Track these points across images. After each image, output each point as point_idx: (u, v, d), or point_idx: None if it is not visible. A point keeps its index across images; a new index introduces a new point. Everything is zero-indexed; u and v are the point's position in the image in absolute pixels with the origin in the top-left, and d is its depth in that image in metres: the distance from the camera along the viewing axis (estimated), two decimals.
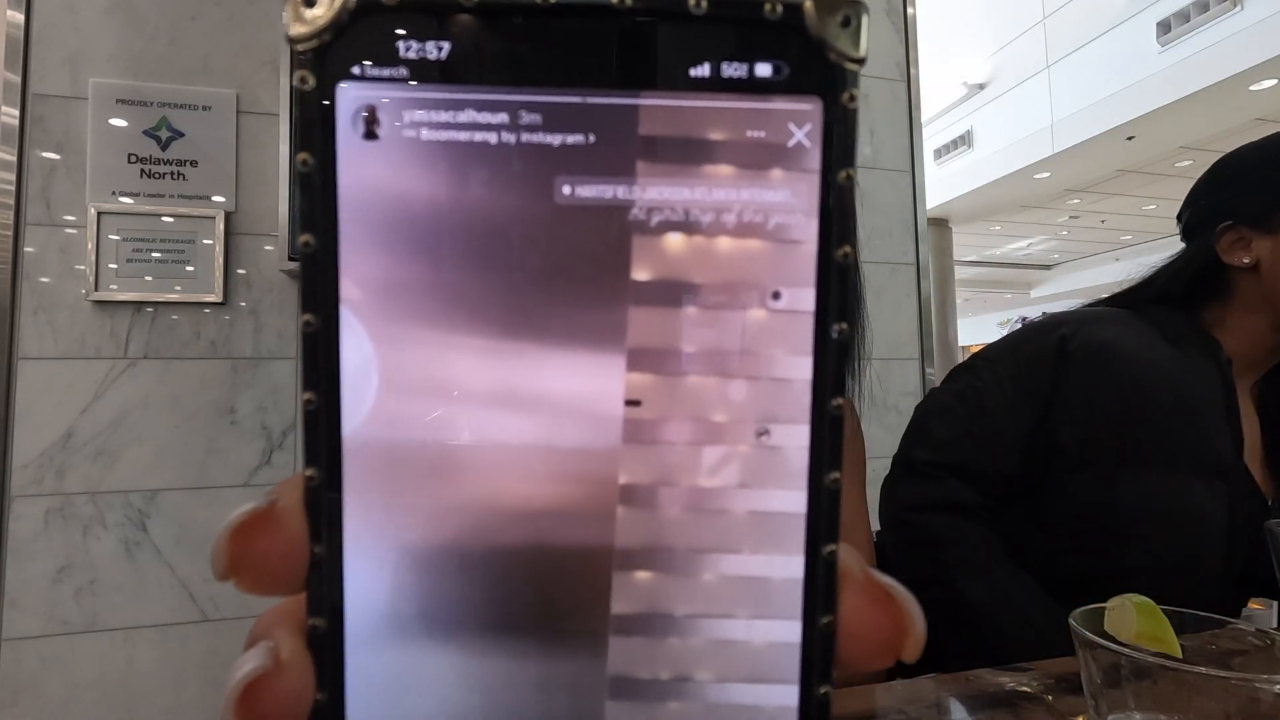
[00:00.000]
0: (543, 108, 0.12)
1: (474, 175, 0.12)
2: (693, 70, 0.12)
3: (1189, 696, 0.31)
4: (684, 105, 0.12)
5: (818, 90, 0.12)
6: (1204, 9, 4.21)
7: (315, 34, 0.11)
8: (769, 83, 0.12)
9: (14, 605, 1.21)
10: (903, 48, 1.84)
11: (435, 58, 0.12)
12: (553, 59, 0.12)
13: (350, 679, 0.13)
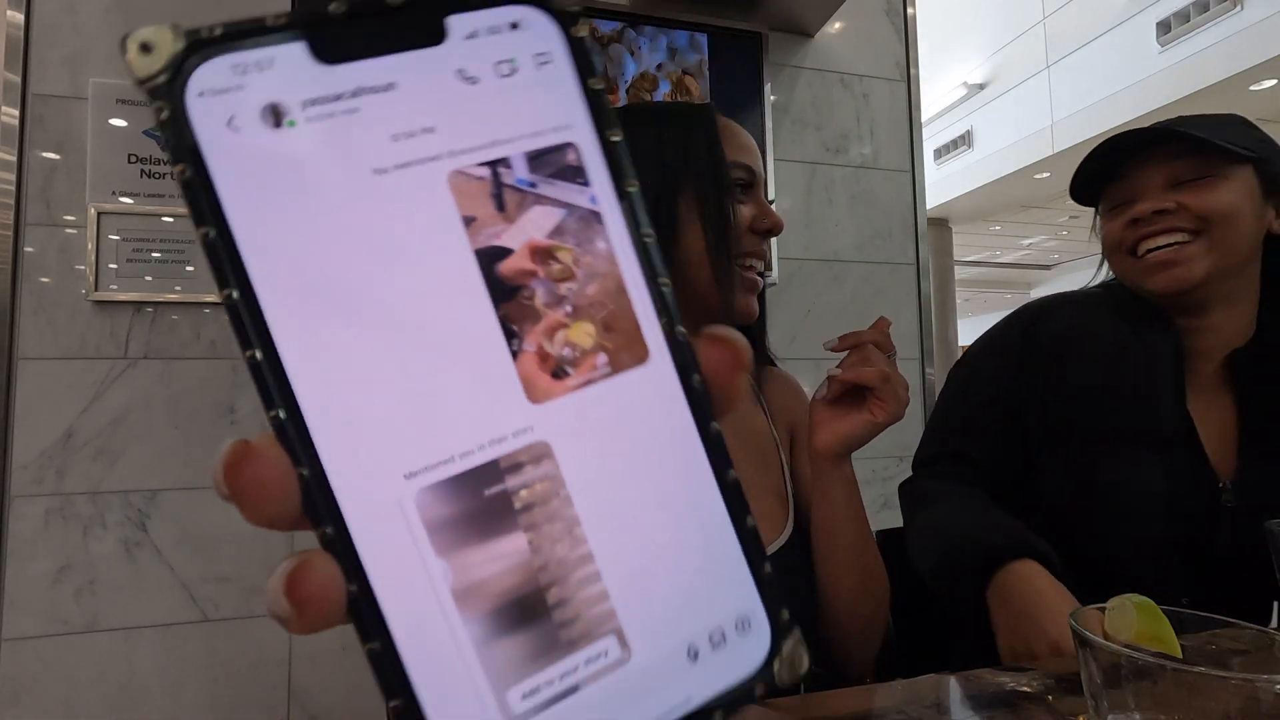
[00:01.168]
0: (353, 90, 0.15)
1: (308, 156, 0.15)
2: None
3: (1189, 696, 0.31)
4: (450, 53, 0.16)
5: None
6: (1204, 9, 4.21)
7: (158, 73, 0.14)
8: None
9: (14, 605, 1.21)
10: (903, 48, 1.84)
11: (258, 68, 0.15)
12: (350, 38, 0.15)
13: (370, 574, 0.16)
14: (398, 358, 0.15)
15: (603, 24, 1.55)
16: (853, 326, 1.63)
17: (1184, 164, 0.71)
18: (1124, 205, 0.75)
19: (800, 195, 1.73)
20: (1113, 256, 0.79)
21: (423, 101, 0.15)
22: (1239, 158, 0.69)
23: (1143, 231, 0.72)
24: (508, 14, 0.16)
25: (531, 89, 0.16)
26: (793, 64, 1.74)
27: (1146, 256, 0.73)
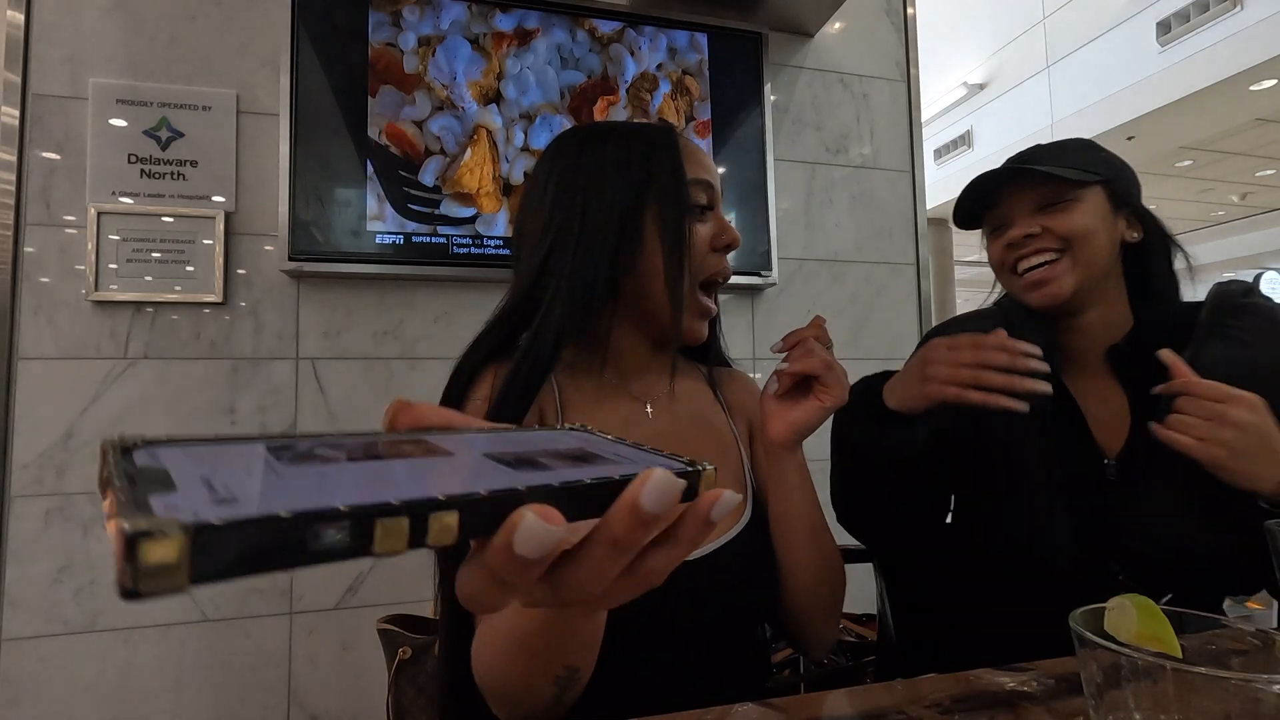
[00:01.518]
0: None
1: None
2: None
3: (1189, 696, 0.31)
4: None
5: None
6: (1204, 9, 4.20)
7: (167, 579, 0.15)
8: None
9: (14, 605, 1.21)
10: (903, 48, 1.84)
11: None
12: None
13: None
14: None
15: (603, 24, 1.55)
16: (853, 326, 1.65)
17: (1043, 191, 0.80)
18: (1001, 229, 0.84)
19: (800, 195, 1.73)
20: (999, 274, 0.88)
21: None
22: (1086, 181, 0.78)
23: (1018, 253, 0.82)
24: None
25: None
26: (793, 64, 1.74)
27: (1025, 275, 0.82)
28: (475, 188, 1.44)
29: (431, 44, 1.44)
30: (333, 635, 1.34)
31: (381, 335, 1.42)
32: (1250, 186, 6.68)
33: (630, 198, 0.67)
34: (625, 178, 0.68)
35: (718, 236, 0.72)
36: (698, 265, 0.70)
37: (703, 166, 0.72)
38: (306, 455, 0.22)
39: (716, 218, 0.72)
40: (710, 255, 0.71)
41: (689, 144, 0.74)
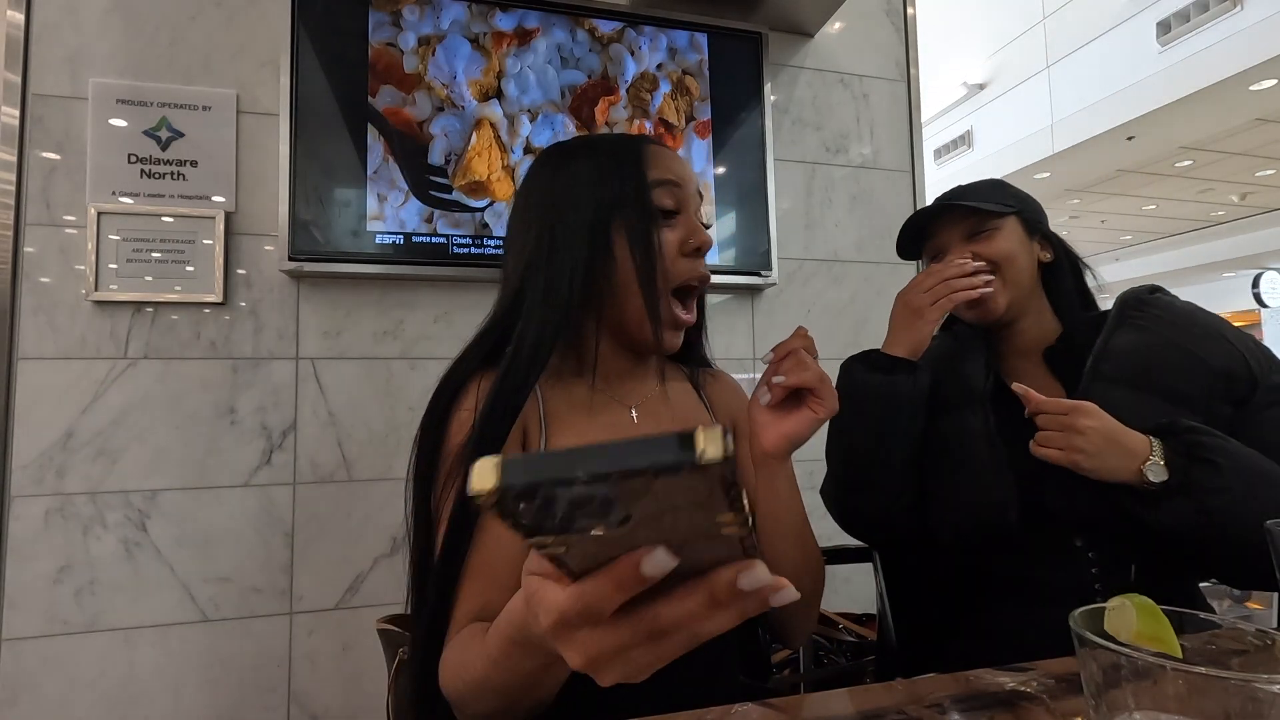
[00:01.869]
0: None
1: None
2: None
3: (1189, 696, 0.31)
4: None
5: None
6: (1204, 9, 4.21)
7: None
8: None
9: (14, 605, 1.21)
10: (903, 48, 1.84)
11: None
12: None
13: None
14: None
15: (603, 24, 1.55)
16: (853, 326, 1.67)
17: (969, 223, 0.94)
18: (937, 258, 0.97)
19: (800, 195, 1.73)
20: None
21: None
22: (1003, 213, 0.93)
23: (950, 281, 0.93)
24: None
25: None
26: (793, 64, 1.74)
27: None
28: (485, 174, 1.45)
29: (431, 43, 1.44)
30: (333, 635, 1.34)
31: (381, 335, 1.42)
32: (1250, 186, 6.68)
33: (598, 211, 0.69)
34: (592, 192, 0.70)
35: (686, 240, 0.71)
36: (669, 271, 0.70)
37: (668, 168, 0.72)
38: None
39: (685, 221, 0.72)
40: (681, 260, 0.71)
41: (657, 149, 0.74)
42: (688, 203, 0.73)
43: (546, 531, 0.26)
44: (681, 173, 0.73)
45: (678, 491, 0.23)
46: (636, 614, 0.30)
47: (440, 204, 1.42)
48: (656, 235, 0.69)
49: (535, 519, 0.24)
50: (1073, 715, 0.48)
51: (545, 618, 0.32)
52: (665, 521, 0.26)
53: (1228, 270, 9.34)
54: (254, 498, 1.32)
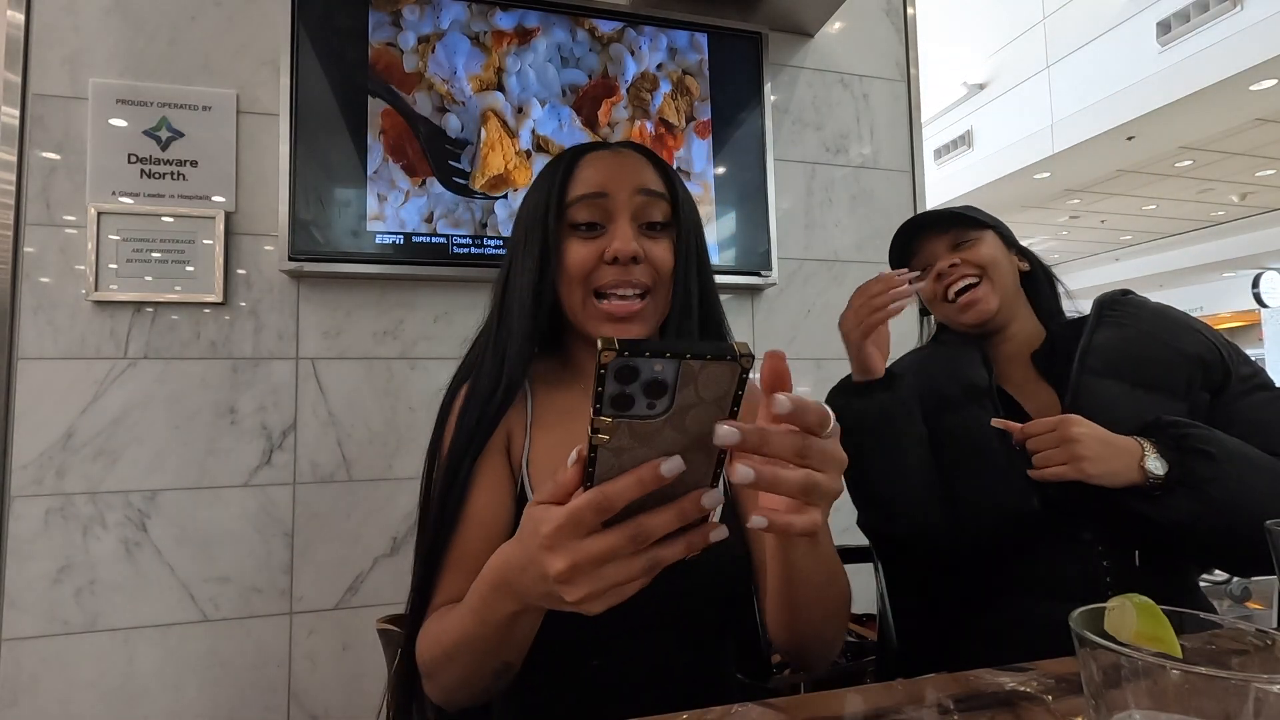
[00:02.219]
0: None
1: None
2: None
3: (1189, 696, 0.31)
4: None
5: None
6: (1204, 9, 4.21)
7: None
8: None
9: (14, 605, 1.21)
10: (903, 48, 1.84)
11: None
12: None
13: None
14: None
15: (603, 24, 1.55)
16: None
17: (953, 233, 1.00)
18: (928, 268, 1.01)
19: (800, 195, 1.73)
20: (934, 307, 1.04)
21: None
22: (983, 225, 1.00)
23: (947, 281, 0.99)
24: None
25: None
26: (793, 64, 1.74)
27: (957, 300, 0.98)
28: (502, 166, 1.46)
29: (431, 41, 1.44)
30: (333, 635, 1.34)
31: (381, 335, 1.42)
32: (1250, 186, 6.68)
33: (543, 224, 0.72)
34: (528, 213, 0.74)
35: (606, 250, 0.70)
36: (585, 279, 0.71)
37: (591, 181, 0.72)
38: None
39: (612, 230, 0.71)
40: (606, 269, 0.71)
41: (588, 160, 0.74)
42: (617, 212, 0.71)
43: (616, 408, 0.33)
44: (610, 182, 0.72)
45: (712, 383, 0.34)
46: (620, 526, 0.37)
47: (464, 191, 1.44)
48: (558, 247, 0.71)
49: (614, 391, 0.33)
50: (1073, 715, 0.48)
51: (547, 525, 0.38)
52: (688, 417, 0.35)
53: (1228, 270, 9.34)
54: (254, 498, 1.32)
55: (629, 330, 0.72)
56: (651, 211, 0.73)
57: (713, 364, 0.33)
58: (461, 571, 0.65)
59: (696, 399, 0.34)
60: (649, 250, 0.72)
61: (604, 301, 0.71)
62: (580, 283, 0.71)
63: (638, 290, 0.71)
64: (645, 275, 0.72)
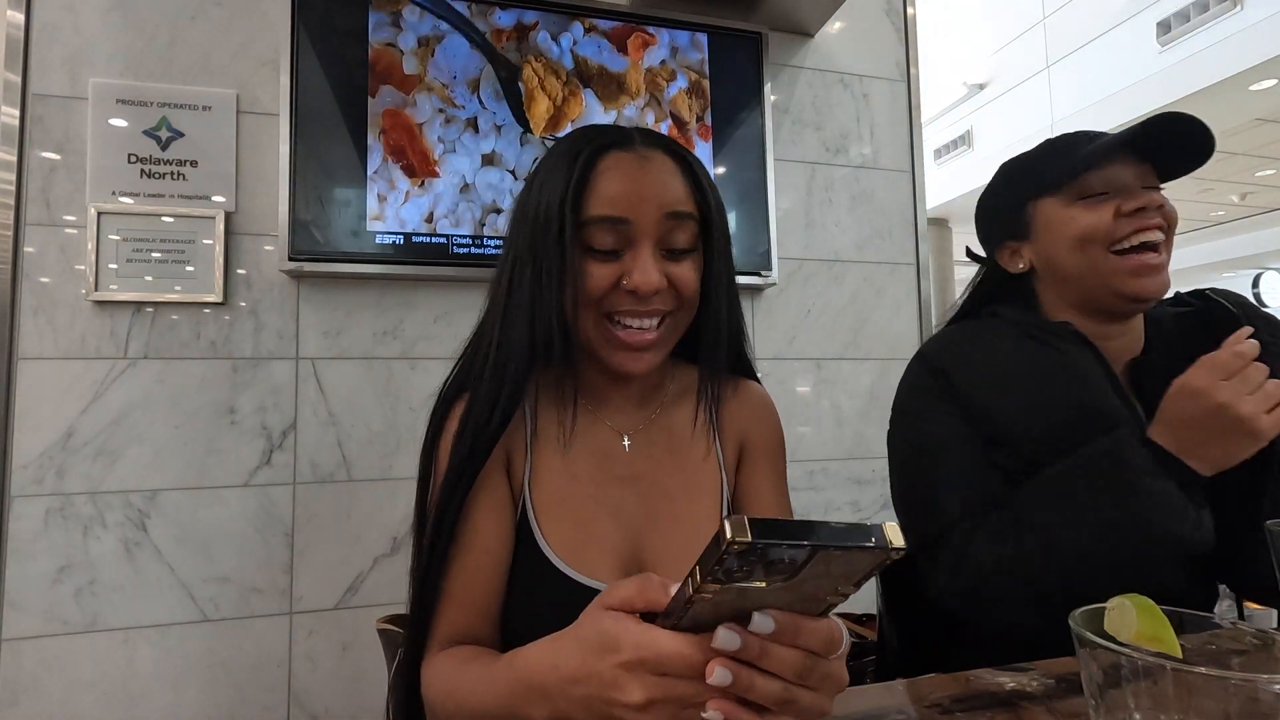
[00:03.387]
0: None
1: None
2: None
3: (1189, 696, 0.31)
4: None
5: None
6: (1204, 9, 4.20)
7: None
8: None
9: (14, 605, 1.21)
10: (903, 48, 1.84)
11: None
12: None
13: None
14: None
15: (603, 23, 1.55)
16: (853, 326, 1.61)
17: (1148, 168, 0.76)
18: (1103, 196, 0.76)
19: (800, 195, 1.73)
20: (1088, 248, 0.77)
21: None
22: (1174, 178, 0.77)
23: (1137, 225, 0.74)
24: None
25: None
26: (793, 64, 1.74)
27: (1130, 257, 0.74)
28: (550, 106, 1.50)
29: (430, 44, 1.44)
30: (333, 635, 1.34)
31: (381, 335, 1.42)
32: (1250, 186, 6.68)
33: (558, 243, 0.63)
34: (549, 218, 0.64)
35: (625, 279, 0.63)
36: (599, 302, 0.64)
37: (613, 200, 0.63)
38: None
39: (632, 257, 0.63)
40: (620, 293, 0.64)
41: (616, 161, 0.64)
42: (639, 239, 0.63)
43: (731, 578, 0.30)
44: (634, 205, 0.63)
45: (847, 564, 0.31)
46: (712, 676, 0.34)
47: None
48: (569, 274, 0.63)
49: (733, 566, 0.29)
50: (1073, 715, 0.48)
51: (630, 651, 0.36)
52: (808, 584, 0.32)
53: (1228, 270, 9.34)
54: (254, 498, 1.32)
55: (644, 360, 0.66)
56: (677, 237, 0.65)
57: (855, 552, 0.30)
58: (467, 603, 0.63)
59: (824, 574, 0.31)
60: (672, 276, 0.65)
61: (619, 329, 0.65)
62: (594, 306, 0.65)
63: (655, 318, 0.66)
64: (666, 302, 0.65)
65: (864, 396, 1.72)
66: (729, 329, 0.71)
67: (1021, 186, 0.85)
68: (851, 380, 1.71)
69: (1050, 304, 0.85)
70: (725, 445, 0.75)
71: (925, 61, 1.98)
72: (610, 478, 0.69)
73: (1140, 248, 0.74)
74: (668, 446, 0.73)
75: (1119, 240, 0.75)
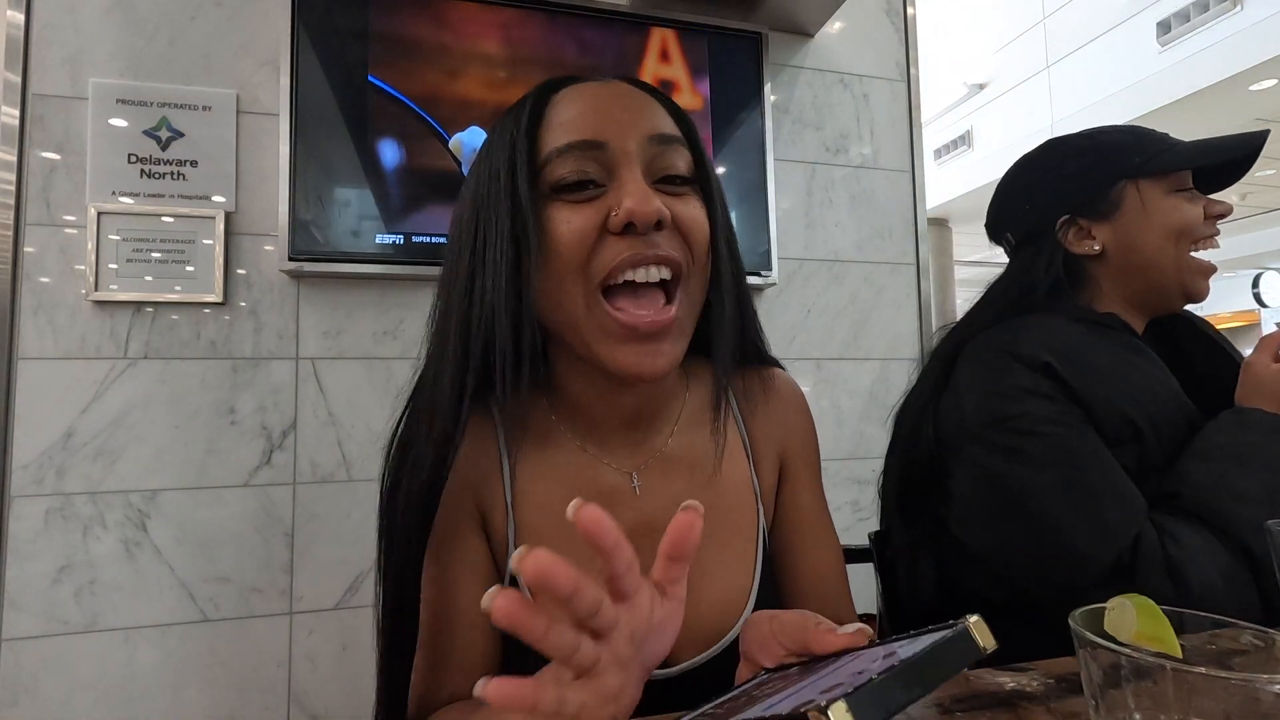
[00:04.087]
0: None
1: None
2: None
3: (1189, 696, 0.31)
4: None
5: None
6: (1204, 9, 4.20)
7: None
8: None
9: (14, 605, 1.21)
10: (903, 48, 1.84)
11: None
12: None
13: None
14: None
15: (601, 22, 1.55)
16: (853, 326, 1.57)
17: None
18: (1192, 193, 0.78)
19: (800, 195, 1.73)
20: (1181, 241, 0.77)
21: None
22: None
23: (1215, 229, 0.78)
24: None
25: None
26: (793, 64, 1.74)
27: (1204, 259, 0.78)
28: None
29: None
30: (333, 635, 1.34)
31: (381, 335, 1.42)
32: (1250, 186, 6.68)
33: (509, 193, 0.49)
34: (492, 173, 0.51)
35: (615, 214, 0.47)
36: (585, 265, 0.48)
37: (578, 124, 0.49)
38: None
39: (617, 186, 0.48)
40: (607, 246, 0.48)
41: (568, 93, 0.52)
42: (619, 163, 0.49)
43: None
44: (607, 125, 0.49)
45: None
46: None
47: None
48: (538, 218, 0.48)
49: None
50: (1073, 715, 0.48)
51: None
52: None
53: (1228, 270, 9.34)
54: (254, 498, 1.32)
55: (662, 354, 0.49)
56: (672, 160, 0.51)
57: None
58: (455, 669, 0.53)
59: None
60: (676, 211, 0.49)
61: (620, 311, 0.48)
62: (578, 271, 0.48)
63: (664, 275, 0.49)
64: (673, 245, 0.49)
65: (864, 396, 1.72)
66: (741, 310, 0.58)
67: (1113, 164, 0.80)
68: (852, 380, 1.71)
69: (1106, 294, 0.83)
70: (761, 467, 0.62)
71: (925, 61, 1.98)
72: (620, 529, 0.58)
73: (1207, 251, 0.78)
74: (689, 480, 0.58)
75: (1200, 240, 0.78)
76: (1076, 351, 0.74)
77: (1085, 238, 0.83)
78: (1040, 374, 0.74)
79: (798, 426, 0.65)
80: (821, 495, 0.66)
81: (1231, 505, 0.68)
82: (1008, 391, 0.75)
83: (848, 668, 0.34)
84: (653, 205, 0.47)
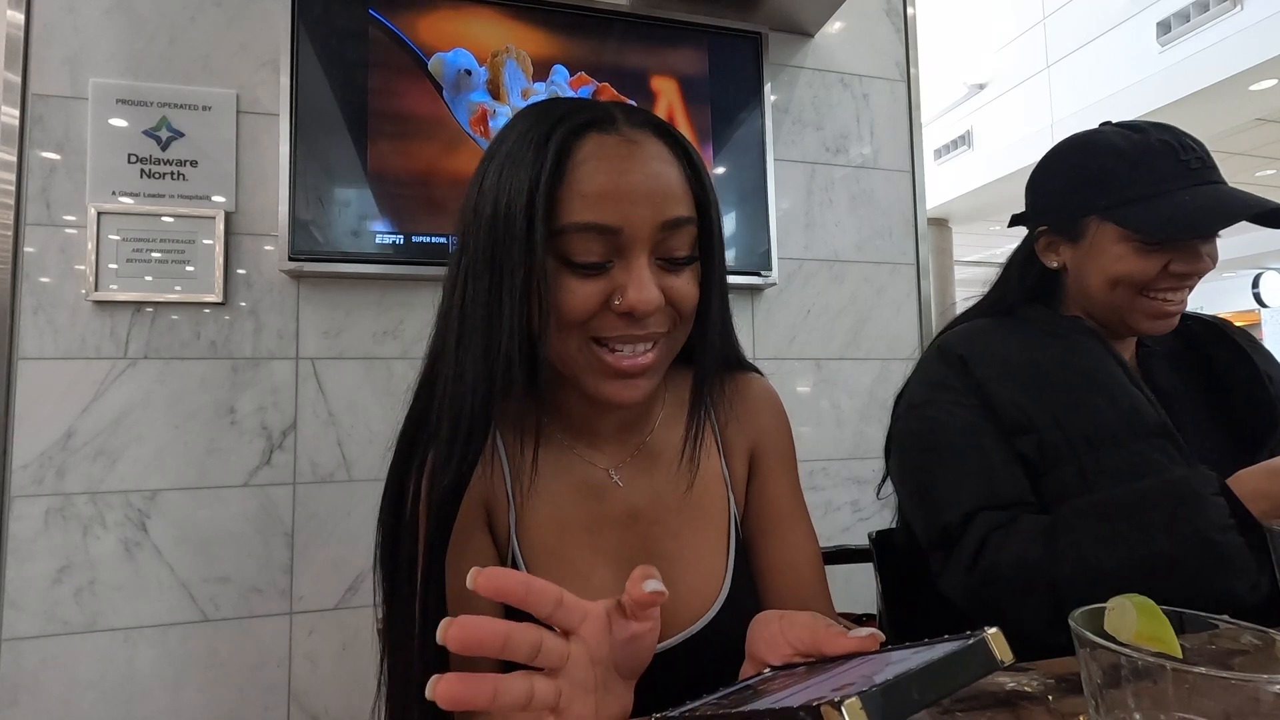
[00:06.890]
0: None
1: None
2: None
3: (1189, 696, 0.31)
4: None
5: None
6: (1204, 9, 4.20)
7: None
8: None
9: (14, 605, 1.21)
10: (903, 48, 1.84)
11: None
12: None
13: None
14: None
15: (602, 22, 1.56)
16: (853, 326, 1.60)
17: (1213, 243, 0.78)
18: (1158, 247, 0.76)
19: (800, 195, 1.73)
20: (1118, 288, 0.79)
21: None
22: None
23: (1178, 284, 0.77)
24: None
25: None
26: (793, 64, 1.74)
27: (1155, 302, 0.77)
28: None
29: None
30: (333, 635, 1.34)
31: (381, 335, 1.42)
32: (1250, 186, 6.66)
33: (524, 252, 0.51)
34: (510, 217, 0.52)
35: (616, 298, 0.52)
36: (583, 325, 0.54)
37: (598, 200, 0.51)
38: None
39: (624, 271, 0.52)
40: (607, 315, 0.53)
41: (598, 147, 0.52)
42: (631, 247, 0.52)
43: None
44: (627, 211, 0.51)
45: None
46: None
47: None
48: (552, 285, 0.52)
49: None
50: (1073, 715, 0.48)
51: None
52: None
53: (1228, 270, 9.34)
54: (254, 498, 1.32)
55: (638, 388, 0.56)
56: (676, 244, 0.54)
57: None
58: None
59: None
60: (670, 290, 0.54)
61: (607, 352, 0.54)
62: (576, 328, 0.54)
63: (650, 341, 0.55)
64: (663, 322, 0.55)
65: (864, 396, 1.72)
66: (723, 331, 0.63)
67: (1089, 197, 0.80)
68: (851, 380, 1.71)
69: (1071, 307, 0.87)
70: (732, 460, 0.67)
71: (925, 61, 1.98)
72: (603, 520, 0.61)
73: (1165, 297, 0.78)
74: (666, 475, 0.64)
75: (1152, 289, 0.77)
76: (993, 350, 0.82)
77: (1051, 252, 0.87)
78: (947, 363, 0.82)
79: (769, 425, 0.70)
80: (796, 487, 0.70)
81: (1069, 548, 0.67)
82: (919, 376, 0.87)
83: (857, 670, 0.34)
84: (653, 298, 0.52)
